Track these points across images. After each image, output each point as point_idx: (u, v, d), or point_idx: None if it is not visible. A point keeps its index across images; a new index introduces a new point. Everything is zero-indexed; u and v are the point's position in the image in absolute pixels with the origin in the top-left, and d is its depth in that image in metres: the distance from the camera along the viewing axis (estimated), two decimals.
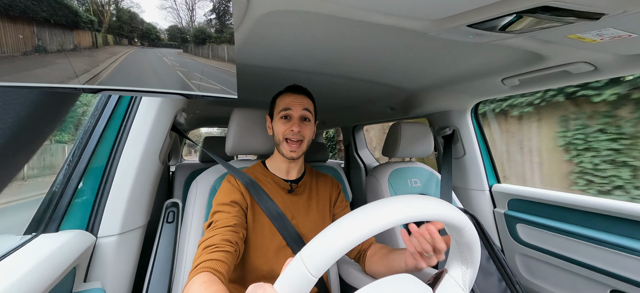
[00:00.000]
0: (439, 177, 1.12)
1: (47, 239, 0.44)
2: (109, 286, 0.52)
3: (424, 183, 1.10)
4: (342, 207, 0.74)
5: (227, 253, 0.46)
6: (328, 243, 0.27)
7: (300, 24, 0.49)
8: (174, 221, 0.71)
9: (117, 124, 0.61)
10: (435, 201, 0.33)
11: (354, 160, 2.00)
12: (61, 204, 0.51)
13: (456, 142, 1.19)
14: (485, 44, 0.55)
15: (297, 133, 0.60)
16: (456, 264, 0.39)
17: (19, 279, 0.32)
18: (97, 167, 0.57)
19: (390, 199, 0.31)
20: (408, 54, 0.66)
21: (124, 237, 0.56)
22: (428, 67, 0.77)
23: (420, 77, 0.88)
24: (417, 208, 0.30)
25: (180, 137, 0.89)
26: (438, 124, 1.23)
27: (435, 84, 0.95)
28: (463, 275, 0.38)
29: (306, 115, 0.63)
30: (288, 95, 0.63)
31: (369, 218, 0.28)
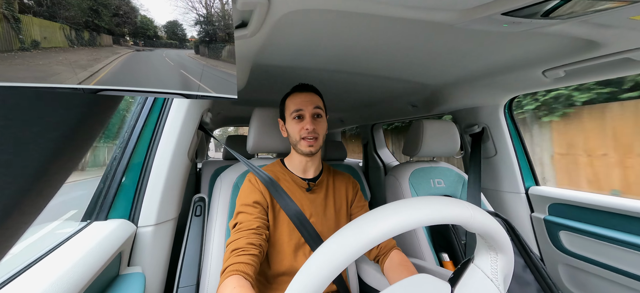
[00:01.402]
0: (465, 178, 1.04)
1: (98, 226, 0.50)
2: (148, 271, 0.57)
3: (449, 184, 1.03)
4: (360, 206, 0.73)
5: (253, 256, 0.50)
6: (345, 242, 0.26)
7: (320, 22, 0.49)
8: (201, 214, 0.76)
9: (152, 124, 0.66)
10: (455, 203, 0.30)
11: (373, 159, 1.95)
12: (108, 196, 0.58)
13: (486, 140, 1.10)
14: (522, 32, 0.50)
15: (312, 131, 0.61)
16: (483, 251, 0.34)
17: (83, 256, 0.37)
18: (136, 163, 0.63)
19: (394, 204, 0.29)
20: (433, 49, 0.62)
21: (159, 227, 0.62)
22: (455, 61, 0.72)
23: (446, 73, 0.82)
24: (435, 210, 0.28)
25: (206, 136, 0.94)
26: (465, 122, 1.15)
27: (462, 79, 0.88)
28: (492, 263, 0.33)
29: (318, 112, 0.63)
30: (297, 96, 0.64)
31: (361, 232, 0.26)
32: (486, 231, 0.31)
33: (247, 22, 0.46)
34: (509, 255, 0.33)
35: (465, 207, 0.30)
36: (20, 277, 0.32)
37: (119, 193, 0.59)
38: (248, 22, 0.46)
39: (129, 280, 0.49)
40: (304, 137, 0.61)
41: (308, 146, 0.61)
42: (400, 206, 0.28)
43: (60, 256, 0.38)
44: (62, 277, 0.32)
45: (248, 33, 0.48)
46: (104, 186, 0.59)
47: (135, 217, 0.59)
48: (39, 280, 0.31)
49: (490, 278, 0.32)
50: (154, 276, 0.59)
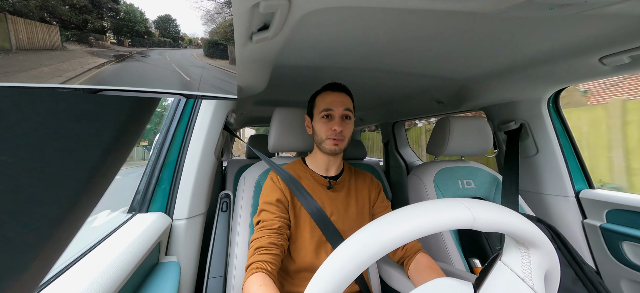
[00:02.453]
0: (500, 179, 0.95)
1: (142, 218, 0.56)
2: (182, 260, 0.62)
3: (480, 185, 0.95)
4: (383, 206, 0.70)
5: (274, 255, 0.52)
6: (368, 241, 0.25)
7: (341, 20, 0.48)
8: (227, 210, 0.80)
9: (184, 125, 0.72)
10: (485, 205, 0.26)
11: (395, 158, 1.88)
12: (149, 191, 0.64)
13: (525, 138, 0.99)
14: (573, 16, 0.43)
15: (340, 133, 0.60)
16: (512, 247, 0.29)
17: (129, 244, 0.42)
18: (170, 161, 0.69)
19: (410, 207, 0.27)
20: (463, 41, 0.57)
21: (191, 221, 0.67)
22: (489, 52, 0.65)
23: (478, 66, 0.75)
24: (458, 213, 0.25)
25: (230, 135, 1.00)
26: (500, 118, 1.05)
27: (497, 72, 0.80)
28: (523, 260, 0.28)
29: (347, 113, 0.62)
30: (329, 95, 0.63)
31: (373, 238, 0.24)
32: (515, 232, 0.27)
33: (269, 24, 0.47)
34: (545, 250, 0.28)
35: (525, 220, 0.27)
36: (83, 259, 0.37)
37: (157, 188, 0.65)
38: (270, 25, 0.47)
39: (166, 267, 0.54)
40: (331, 137, 0.61)
41: (333, 145, 0.61)
42: (434, 206, 0.26)
43: (113, 242, 0.43)
44: (114, 261, 0.37)
45: (270, 35, 0.49)
46: (145, 181, 0.65)
47: (171, 211, 0.65)
48: (98, 262, 0.35)
49: (522, 278, 0.27)
50: (188, 265, 0.64)
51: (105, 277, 0.34)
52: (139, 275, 0.46)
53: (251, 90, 0.83)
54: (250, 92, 0.86)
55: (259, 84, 0.79)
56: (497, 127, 1.07)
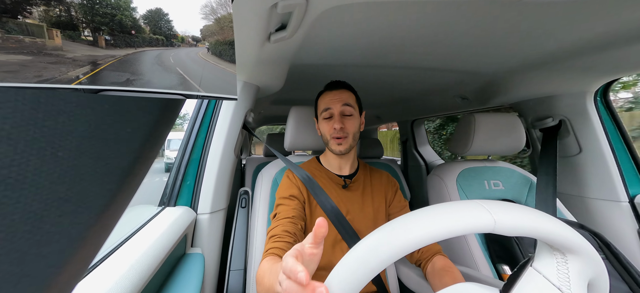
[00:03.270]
0: (533, 180, 0.87)
1: (170, 211, 0.61)
2: (206, 253, 0.66)
3: (510, 186, 0.87)
4: (400, 206, 0.68)
5: (287, 243, 0.53)
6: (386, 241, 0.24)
7: (359, 16, 0.46)
8: (246, 206, 0.84)
9: (206, 124, 0.76)
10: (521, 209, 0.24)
11: (413, 157, 1.81)
12: (176, 186, 0.69)
13: (565, 136, 0.89)
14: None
15: (340, 130, 0.60)
16: (545, 252, 0.26)
17: (160, 235, 0.46)
18: (194, 158, 0.73)
19: (437, 206, 0.25)
20: (492, 31, 0.53)
21: (213, 215, 0.70)
22: (522, 43, 0.59)
23: (508, 58, 0.69)
24: (496, 215, 0.23)
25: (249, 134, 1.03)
26: (534, 114, 0.95)
27: (531, 64, 0.73)
28: (559, 267, 0.25)
29: (346, 110, 0.61)
30: (327, 94, 0.63)
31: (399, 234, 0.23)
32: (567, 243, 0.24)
33: (286, 24, 0.48)
34: (586, 257, 0.24)
35: (565, 226, 0.24)
36: (123, 247, 0.41)
37: (183, 184, 0.70)
38: (287, 24, 0.47)
39: (192, 259, 0.58)
40: (333, 136, 0.61)
41: (337, 145, 0.61)
42: (449, 209, 0.24)
43: (147, 232, 0.47)
44: (149, 249, 0.40)
45: (287, 35, 0.49)
46: (173, 177, 0.70)
47: (195, 205, 0.69)
48: (133, 251, 0.39)
49: (558, 286, 0.24)
50: (211, 258, 0.68)
51: (141, 262, 0.37)
52: (169, 264, 0.50)
53: (268, 90, 0.85)
54: (268, 92, 0.88)
55: (276, 83, 0.80)
56: (531, 124, 0.97)
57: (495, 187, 0.87)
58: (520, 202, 0.86)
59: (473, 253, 0.76)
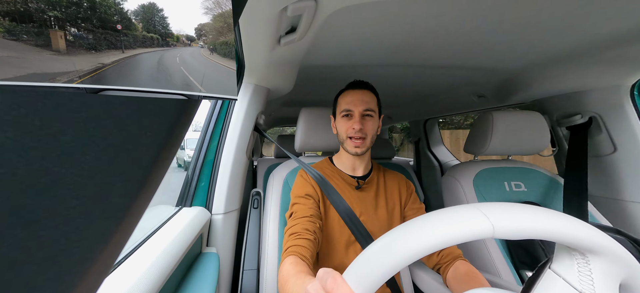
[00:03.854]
0: (560, 182, 0.81)
1: (187, 211, 0.63)
2: (221, 252, 0.68)
3: (533, 188, 0.82)
4: (415, 208, 0.66)
5: (308, 241, 0.52)
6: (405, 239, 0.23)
7: (369, 16, 0.46)
8: (258, 207, 0.85)
9: (220, 126, 0.78)
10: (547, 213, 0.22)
11: (426, 157, 1.75)
12: (191, 187, 0.72)
13: (596, 134, 0.83)
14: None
15: (359, 131, 0.59)
16: (564, 254, 0.24)
17: (177, 234, 0.48)
18: (209, 160, 0.75)
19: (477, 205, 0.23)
20: (513, 26, 0.50)
21: (227, 216, 0.72)
22: (546, 37, 0.55)
23: (530, 53, 0.65)
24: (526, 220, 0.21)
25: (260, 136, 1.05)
26: (560, 111, 0.89)
27: (557, 58, 0.68)
28: (580, 269, 0.23)
29: (368, 112, 0.60)
30: (349, 93, 0.62)
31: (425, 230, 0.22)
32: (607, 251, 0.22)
33: (296, 26, 0.48)
34: (613, 258, 0.22)
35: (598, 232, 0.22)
36: (145, 244, 0.43)
37: (198, 185, 0.72)
38: (297, 27, 0.48)
39: (208, 257, 0.60)
40: (351, 137, 0.60)
41: (354, 146, 0.60)
42: (440, 217, 0.23)
43: (165, 232, 0.49)
44: (166, 249, 0.42)
45: (296, 37, 0.50)
46: (189, 178, 0.73)
47: (210, 206, 0.71)
48: (153, 250, 0.41)
49: (580, 290, 0.22)
50: (225, 257, 0.70)
51: (161, 260, 0.39)
52: (186, 262, 0.51)
53: (279, 92, 0.86)
54: (278, 94, 0.89)
55: (286, 85, 0.81)
56: (557, 121, 0.91)
57: (516, 188, 0.82)
58: (545, 205, 0.81)
59: (493, 259, 0.72)
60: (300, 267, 0.44)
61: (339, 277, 0.24)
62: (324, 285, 0.24)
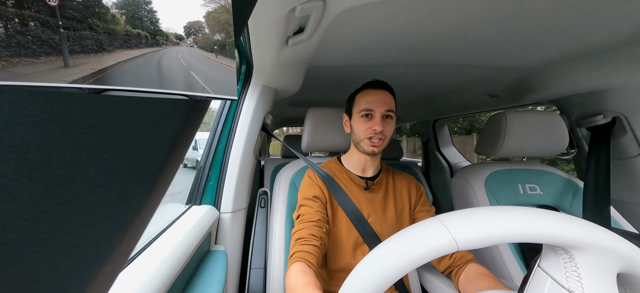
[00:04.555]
0: (579, 185, 0.77)
1: (196, 209, 0.64)
2: (229, 250, 0.69)
3: (549, 191, 0.79)
4: (425, 210, 0.65)
5: (315, 247, 0.52)
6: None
7: (377, 15, 0.45)
8: (265, 207, 0.86)
9: (228, 126, 0.79)
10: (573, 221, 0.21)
11: (435, 158, 1.71)
12: (201, 185, 0.73)
13: (620, 135, 0.78)
14: None
15: (380, 132, 0.58)
16: (548, 252, 0.23)
17: (187, 232, 0.49)
18: (217, 159, 0.77)
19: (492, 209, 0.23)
20: (529, 21, 0.48)
21: (234, 214, 0.73)
22: (566, 33, 0.53)
23: (547, 51, 0.62)
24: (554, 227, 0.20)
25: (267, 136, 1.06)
26: (580, 110, 0.85)
27: (575, 56, 0.65)
28: (565, 265, 0.22)
29: (389, 113, 0.59)
30: (369, 93, 0.60)
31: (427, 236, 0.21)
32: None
33: (304, 27, 0.48)
34: (604, 251, 0.20)
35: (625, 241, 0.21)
36: (155, 242, 0.44)
37: (207, 183, 0.74)
38: (304, 27, 0.48)
39: (216, 255, 0.61)
40: (370, 137, 0.59)
41: (372, 146, 0.59)
42: (401, 238, 0.22)
43: (175, 230, 0.50)
44: (176, 247, 0.43)
45: (304, 37, 0.50)
46: (198, 177, 0.75)
47: (218, 204, 0.72)
48: (164, 246, 0.42)
49: (567, 288, 0.21)
50: (233, 255, 0.71)
51: (172, 257, 0.39)
52: (196, 259, 0.52)
53: (286, 92, 0.87)
54: (286, 94, 0.89)
55: (293, 85, 0.81)
56: (576, 122, 0.87)
57: (531, 191, 0.79)
58: (562, 209, 0.77)
59: (505, 261, 0.70)
60: (308, 279, 0.44)
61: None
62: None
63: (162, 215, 0.59)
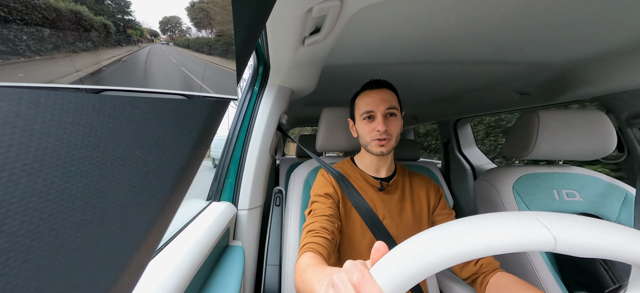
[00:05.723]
0: (629, 192, 0.69)
1: (216, 206, 0.67)
2: (246, 246, 0.71)
3: (591, 198, 0.71)
4: (446, 214, 0.62)
5: (325, 239, 0.51)
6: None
7: (397, 12, 0.44)
8: (280, 205, 0.87)
9: (246, 126, 0.82)
10: None
11: (456, 160, 1.62)
12: (220, 182, 0.77)
13: None
14: None
15: (384, 132, 0.56)
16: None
17: (208, 226, 0.51)
18: (235, 157, 0.80)
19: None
20: (568, 16, 0.43)
21: (251, 211, 0.76)
22: (613, 25, 0.47)
23: (590, 44, 0.56)
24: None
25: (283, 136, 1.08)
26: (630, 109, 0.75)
27: (625, 49, 0.58)
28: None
29: (391, 111, 0.57)
30: (368, 94, 0.59)
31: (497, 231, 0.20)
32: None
33: (320, 27, 0.48)
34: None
35: None
36: (179, 236, 0.47)
37: (226, 181, 0.77)
38: (321, 27, 0.48)
39: (234, 250, 0.63)
40: (375, 138, 0.58)
41: (379, 146, 0.58)
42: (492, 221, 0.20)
43: (197, 225, 0.53)
44: (198, 240, 0.45)
45: (321, 37, 0.50)
46: (218, 174, 0.78)
47: (236, 201, 0.75)
48: (187, 240, 0.45)
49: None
50: (249, 251, 0.73)
51: (195, 249, 0.42)
52: (216, 253, 0.55)
53: (301, 92, 0.88)
54: (301, 94, 0.90)
55: (309, 85, 0.82)
56: (627, 121, 0.77)
57: (569, 197, 0.71)
58: (608, 218, 0.69)
59: (539, 275, 0.64)
60: (319, 261, 0.44)
61: (366, 271, 0.23)
62: (350, 278, 0.23)
63: (185, 210, 0.63)
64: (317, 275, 0.35)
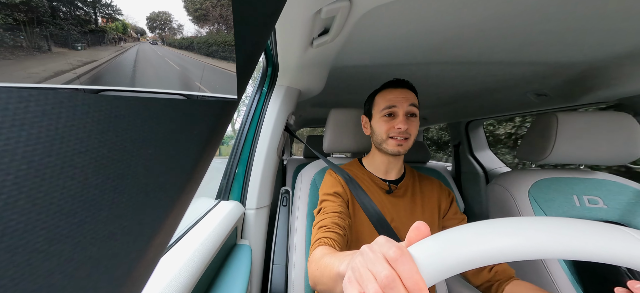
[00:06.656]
0: None
1: (224, 204, 0.69)
2: (253, 245, 0.72)
3: (615, 205, 0.67)
4: (457, 219, 0.60)
5: (338, 234, 0.51)
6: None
7: (407, 12, 0.43)
8: (287, 205, 0.88)
9: (254, 126, 0.83)
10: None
11: (468, 163, 1.57)
12: (229, 181, 0.78)
13: None
14: None
15: (405, 131, 0.55)
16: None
17: (217, 225, 0.52)
18: (244, 157, 0.81)
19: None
20: (590, 14, 0.41)
21: (258, 211, 0.77)
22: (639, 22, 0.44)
23: (615, 43, 0.53)
24: None
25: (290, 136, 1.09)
26: None
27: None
28: None
29: (413, 110, 0.56)
30: (390, 91, 0.58)
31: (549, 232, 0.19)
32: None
33: (329, 28, 0.48)
34: None
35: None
36: (189, 233, 0.48)
37: (234, 180, 0.78)
38: (330, 28, 0.48)
39: (242, 249, 0.64)
40: (393, 137, 0.57)
41: (396, 145, 0.56)
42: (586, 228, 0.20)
43: (206, 223, 0.54)
44: (207, 238, 0.46)
45: (329, 38, 0.50)
46: (227, 173, 0.80)
47: (244, 201, 0.76)
48: (195, 238, 0.46)
49: None
50: (257, 250, 0.74)
51: (204, 246, 0.43)
52: (224, 251, 0.56)
53: (309, 93, 0.88)
54: (309, 95, 0.91)
55: (317, 87, 0.82)
56: None
57: (591, 204, 0.67)
58: (635, 226, 0.64)
59: (557, 283, 0.61)
60: (329, 250, 0.43)
61: (406, 249, 0.21)
62: (385, 252, 0.21)
63: (196, 208, 0.64)
64: (337, 259, 0.34)
